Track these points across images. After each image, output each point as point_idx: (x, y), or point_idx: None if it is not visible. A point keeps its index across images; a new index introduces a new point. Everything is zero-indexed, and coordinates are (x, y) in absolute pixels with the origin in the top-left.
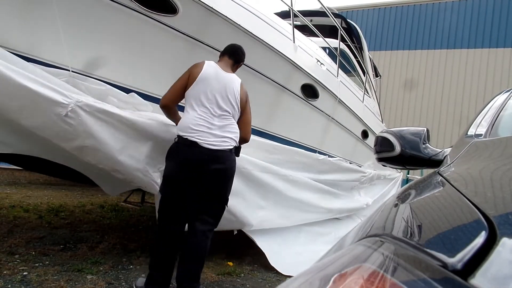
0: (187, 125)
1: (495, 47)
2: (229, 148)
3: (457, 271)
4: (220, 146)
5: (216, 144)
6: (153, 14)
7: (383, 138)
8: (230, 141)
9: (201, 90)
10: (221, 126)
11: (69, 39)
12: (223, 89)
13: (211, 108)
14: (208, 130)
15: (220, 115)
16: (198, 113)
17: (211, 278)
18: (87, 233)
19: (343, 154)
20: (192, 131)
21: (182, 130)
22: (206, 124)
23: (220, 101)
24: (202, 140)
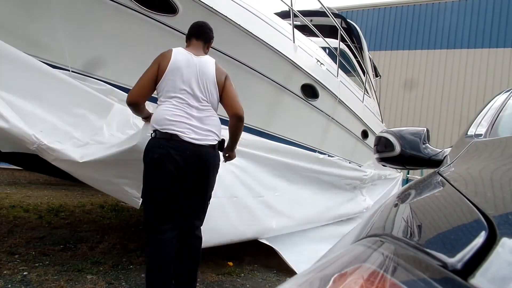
0: (163, 117)
1: (495, 47)
2: (212, 144)
3: (457, 271)
4: (203, 141)
5: (198, 138)
6: (153, 14)
7: (383, 138)
8: (212, 135)
9: (174, 81)
10: (201, 118)
11: (69, 39)
12: (197, 75)
13: (187, 98)
14: (187, 121)
15: (198, 106)
16: (173, 104)
17: (211, 278)
18: (87, 233)
19: (343, 154)
20: (170, 122)
21: (158, 123)
22: (184, 114)
23: (196, 90)
24: (182, 132)
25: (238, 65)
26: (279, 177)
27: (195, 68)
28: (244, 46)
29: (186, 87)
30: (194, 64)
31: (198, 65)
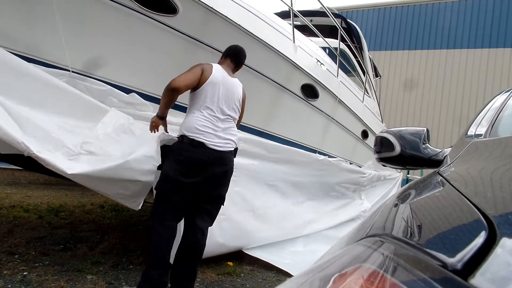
0: (193, 126)
1: (495, 47)
2: (231, 150)
3: (457, 271)
4: (224, 148)
5: (220, 145)
6: (153, 14)
7: (383, 138)
8: (232, 143)
9: (209, 94)
10: (224, 129)
11: (69, 39)
12: (229, 94)
13: (217, 111)
14: (213, 132)
15: (224, 119)
16: (204, 115)
17: (211, 278)
18: (87, 233)
19: (343, 154)
20: (199, 131)
21: (188, 130)
22: (212, 126)
23: (225, 106)
24: (208, 141)
25: None
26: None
27: (229, 87)
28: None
29: (218, 101)
30: (227, 83)
31: (231, 85)
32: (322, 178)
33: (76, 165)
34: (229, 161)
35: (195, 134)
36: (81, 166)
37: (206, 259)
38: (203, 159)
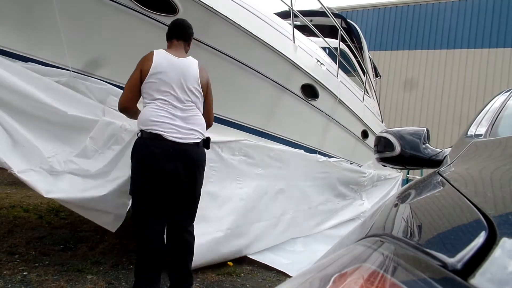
0: (147, 118)
1: (495, 47)
2: (195, 142)
3: (457, 271)
4: (186, 139)
5: (181, 137)
6: (153, 14)
7: (383, 138)
8: (195, 133)
9: (156, 85)
10: (185, 118)
11: (69, 39)
12: (180, 77)
13: (170, 100)
14: (171, 121)
15: (182, 107)
16: (157, 105)
17: (211, 278)
18: (87, 233)
19: (343, 154)
20: (153, 123)
21: (143, 123)
22: (168, 115)
23: (179, 92)
24: (166, 132)
25: (238, 65)
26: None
27: (178, 69)
28: (244, 46)
29: (168, 89)
30: (176, 66)
31: (180, 66)
32: (326, 180)
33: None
34: (194, 154)
35: (151, 127)
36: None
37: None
38: (162, 154)
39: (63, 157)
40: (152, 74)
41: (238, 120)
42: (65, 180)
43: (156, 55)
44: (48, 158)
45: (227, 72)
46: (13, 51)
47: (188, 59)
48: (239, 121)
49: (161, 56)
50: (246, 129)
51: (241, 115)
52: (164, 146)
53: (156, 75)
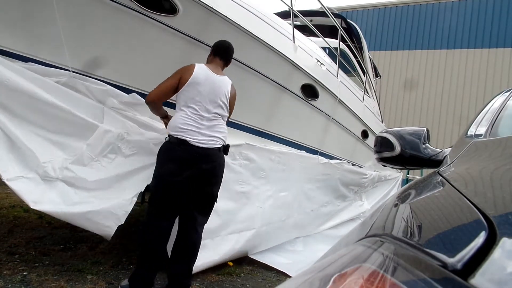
0: (176, 125)
1: (495, 47)
2: (217, 147)
3: (457, 271)
4: (209, 144)
5: (204, 142)
6: (153, 14)
7: (383, 138)
8: (218, 140)
9: (191, 94)
10: (210, 127)
11: (69, 39)
12: (213, 92)
13: (200, 110)
14: (197, 130)
15: (209, 117)
16: (187, 114)
17: (211, 278)
18: (87, 233)
19: (343, 154)
20: (181, 130)
21: (172, 129)
22: (195, 123)
23: (210, 104)
24: (191, 138)
25: (238, 65)
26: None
27: (214, 85)
28: (244, 46)
29: (201, 100)
30: (212, 81)
31: (216, 83)
32: (328, 182)
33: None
34: (216, 158)
35: (178, 133)
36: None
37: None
38: (187, 157)
39: (58, 163)
40: (190, 84)
41: (238, 120)
42: (56, 190)
43: (197, 68)
44: (44, 163)
45: (227, 72)
46: (14, 51)
47: (224, 77)
48: (239, 121)
49: (201, 69)
50: (246, 129)
51: (241, 115)
52: (189, 150)
53: (193, 85)
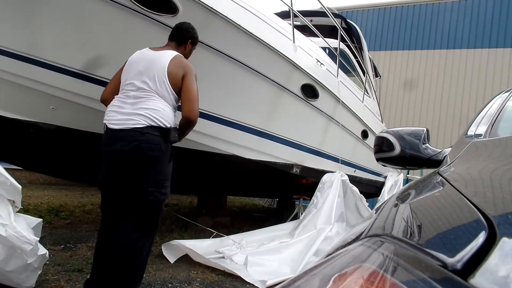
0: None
1: (495, 47)
2: (136, 127)
3: (457, 271)
4: (124, 125)
5: (119, 123)
6: (153, 14)
7: (383, 138)
8: (139, 118)
9: (125, 76)
10: (134, 103)
11: (69, 39)
12: (145, 67)
13: (128, 90)
14: (117, 109)
15: (137, 94)
16: (116, 97)
17: (211, 278)
18: (87, 233)
19: (343, 154)
20: (106, 114)
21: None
22: (118, 103)
23: (138, 79)
24: (108, 121)
25: (238, 65)
26: None
27: (147, 60)
28: (244, 46)
29: (131, 78)
30: (145, 58)
31: (150, 58)
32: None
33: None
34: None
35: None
36: None
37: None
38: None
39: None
40: (125, 68)
41: (238, 120)
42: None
43: (136, 52)
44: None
45: (227, 72)
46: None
47: (164, 52)
48: (239, 121)
49: (138, 52)
50: (246, 129)
51: (241, 115)
52: (106, 135)
53: (126, 70)
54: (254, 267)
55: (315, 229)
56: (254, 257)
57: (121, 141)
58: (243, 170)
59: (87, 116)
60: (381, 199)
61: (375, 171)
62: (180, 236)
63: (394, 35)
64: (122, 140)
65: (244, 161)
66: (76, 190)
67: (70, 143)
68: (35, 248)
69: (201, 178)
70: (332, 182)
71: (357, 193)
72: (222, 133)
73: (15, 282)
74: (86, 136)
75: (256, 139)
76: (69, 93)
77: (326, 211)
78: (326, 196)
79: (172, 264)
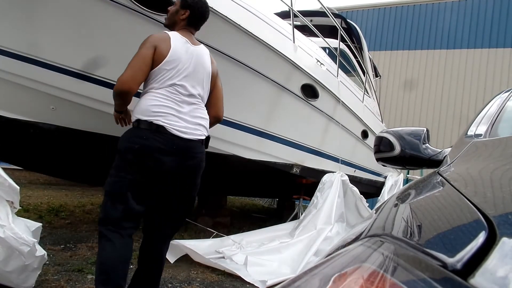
0: (148, 107)
1: (495, 47)
2: (201, 139)
3: (456, 271)
4: (193, 135)
5: (188, 132)
6: (153, 14)
7: (383, 138)
8: (202, 129)
9: (168, 72)
10: (191, 111)
11: (69, 39)
12: (194, 68)
13: (179, 89)
14: (176, 114)
15: (189, 100)
16: (163, 94)
17: (211, 278)
18: (87, 233)
19: (343, 154)
20: (156, 113)
21: (143, 113)
22: (174, 106)
23: (189, 83)
24: (170, 124)
25: (238, 65)
26: None
27: (193, 60)
28: (244, 46)
29: (181, 77)
30: (192, 55)
31: (196, 56)
32: None
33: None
34: (199, 153)
35: (153, 117)
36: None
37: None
38: (165, 149)
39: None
40: (168, 62)
41: (238, 120)
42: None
43: (173, 38)
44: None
45: (227, 72)
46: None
47: (201, 48)
48: (239, 121)
49: (178, 40)
50: (246, 129)
51: (241, 115)
52: (167, 140)
53: (173, 61)
54: (254, 267)
55: (315, 229)
56: (254, 257)
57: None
58: (243, 170)
59: (87, 116)
60: (381, 199)
61: (375, 171)
62: (180, 236)
63: (394, 35)
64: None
65: (244, 161)
66: (76, 190)
67: (70, 143)
68: (33, 250)
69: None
70: (332, 182)
71: (357, 193)
72: (222, 133)
73: (15, 282)
74: (86, 136)
75: (256, 139)
76: (69, 93)
77: (326, 211)
78: (326, 196)
79: (172, 264)
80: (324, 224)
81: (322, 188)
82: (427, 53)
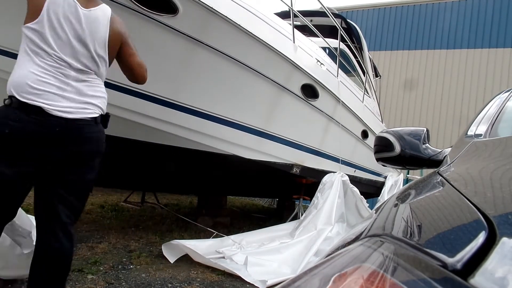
0: (24, 82)
1: (495, 47)
2: (92, 117)
3: (457, 271)
4: (79, 114)
5: (72, 111)
6: (153, 14)
7: (383, 138)
8: (92, 107)
9: (48, 29)
10: (79, 89)
11: None
12: (83, 31)
13: (64, 60)
14: (59, 92)
15: (77, 75)
16: (43, 66)
17: (211, 278)
18: (87, 233)
19: (343, 154)
20: (34, 91)
21: (17, 89)
22: (57, 83)
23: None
24: (51, 105)
25: (238, 65)
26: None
27: (80, 26)
28: (244, 46)
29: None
30: (78, 20)
31: (84, 22)
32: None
33: None
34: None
35: (29, 95)
36: None
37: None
38: (45, 133)
39: None
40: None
41: (238, 120)
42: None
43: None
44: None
45: (227, 72)
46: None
47: (96, 10)
48: (239, 121)
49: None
50: (246, 129)
51: (241, 115)
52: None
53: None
54: (254, 267)
55: (315, 229)
56: (254, 257)
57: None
58: (243, 170)
59: None
60: (381, 199)
61: (375, 171)
62: (180, 236)
63: (394, 35)
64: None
65: (244, 161)
66: None
67: None
68: (29, 240)
69: (201, 178)
70: (332, 182)
71: (357, 194)
72: (222, 133)
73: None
74: None
75: (256, 139)
76: None
77: (327, 212)
78: (327, 196)
79: (172, 264)
80: (324, 225)
81: (322, 189)
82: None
